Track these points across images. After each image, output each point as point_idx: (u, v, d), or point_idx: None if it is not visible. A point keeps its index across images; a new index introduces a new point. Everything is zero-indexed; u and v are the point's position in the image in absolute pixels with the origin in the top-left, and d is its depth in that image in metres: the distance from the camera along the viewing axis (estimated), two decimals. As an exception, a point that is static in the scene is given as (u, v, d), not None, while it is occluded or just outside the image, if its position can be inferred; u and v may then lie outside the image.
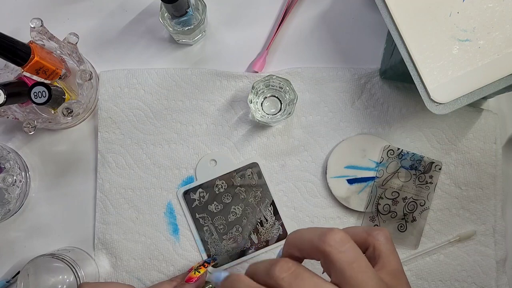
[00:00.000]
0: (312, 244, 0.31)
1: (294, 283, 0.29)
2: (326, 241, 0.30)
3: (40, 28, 0.43)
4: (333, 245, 0.30)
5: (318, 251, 0.30)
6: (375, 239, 0.33)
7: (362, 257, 0.30)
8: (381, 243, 0.33)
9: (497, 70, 0.38)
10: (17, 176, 0.46)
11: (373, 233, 0.33)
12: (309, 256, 0.32)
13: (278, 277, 0.30)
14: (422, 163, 0.48)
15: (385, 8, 0.40)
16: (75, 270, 0.43)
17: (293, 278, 0.30)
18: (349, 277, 0.29)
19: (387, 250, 0.33)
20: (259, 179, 0.49)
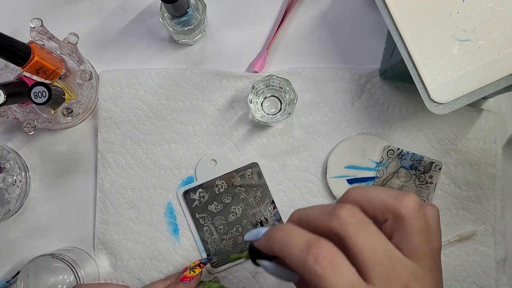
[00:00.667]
0: (385, 205, 0.30)
1: (361, 232, 0.28)
2: (403, 203, 0.29)
3: (40, 28, 0.43)
4: (411, 209, 0.29)
5: (392, 212, 0.30)
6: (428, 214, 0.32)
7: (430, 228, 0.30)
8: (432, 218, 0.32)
9: (497, 70, 0.38)
10: (17, 176, 0.46)
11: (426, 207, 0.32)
12: (374, 214, 0.31)
13: (345, 220, 0.29)
14: (422, 163, 0.48)
15: (385, 8, 0.40)
16: (75, 270, 0.43)
17: (361, 226, 0.29)
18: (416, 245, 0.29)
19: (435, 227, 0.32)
20: (259, 179, 0.49)
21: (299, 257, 0.28)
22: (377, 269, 0.28)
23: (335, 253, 0.28)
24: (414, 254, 0.29)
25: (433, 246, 0.30)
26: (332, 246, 0.28)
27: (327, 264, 0.27)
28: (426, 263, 0.29)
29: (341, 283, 0.27)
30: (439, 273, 0.30)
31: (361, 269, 0.28)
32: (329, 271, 0.27)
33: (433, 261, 0.29)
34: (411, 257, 0.29)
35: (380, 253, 0.28)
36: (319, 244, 0.28)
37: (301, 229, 0.30)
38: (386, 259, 0.28)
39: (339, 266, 0.27)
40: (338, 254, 0.28)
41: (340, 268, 0.27)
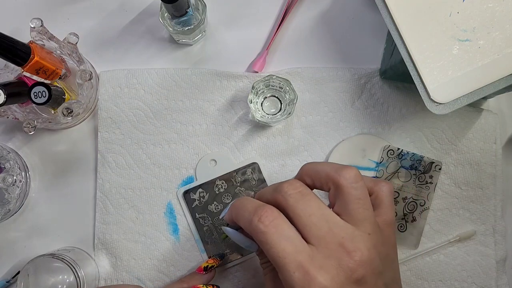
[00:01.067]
0: (327, 175, 0.34)
1: (300, 200, 0.33)
2: (342, 174, 0.33)
3: (40, 28, 0.43)
4: (348, 179, 0.33)
5: (332, 181, 0.34)
6: (380, 189, 0.37)
7: (367, 197, 0.34)
8: (384, 194, 0.36)
9: (497, 70, 0.38)
10: (17, 176, 0.46)
11: (380, 183, 0.37)
12: (320, 185, 0.35)
13: (286, 192, 0.33)
14: (422, 163, 0.48)
15: (385, 8, 0.40)
16: (75, 270, 0.43)
17: (300, 196, 0.33)
18: (351, 210, 0.33)
19: (387, 202, 0.36)
20: (259, 179, 0.49)
21: (247, 218, 0.33)
22: (313, 230, 0.32)
23: (277, 214, 0.32)
24: (351, 219, 0.33)
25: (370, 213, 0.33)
26: (275, 209, 0.33)
27: (269, 222, 0.32)
28: (363, 227, 0.32)
29: (281, 237, 0.31)
30: (378, 237, 0.33)
31: (301, 232, 0.32)
32: (271, 228, 0.31)
33: (371, 226, 0.33)
34: (349, 221, 0.33)
35: (316, 216, 0.32)
36: (263, 207, 0.33)
37: (253, 199, 0.35)
38: (323, 221, 0.32)
39: (280, 225, 0.32)
40: (280, 216, 0.32)
41: (280, 226, 0.32)
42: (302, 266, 0.30)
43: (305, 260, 0.30)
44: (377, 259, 0.32)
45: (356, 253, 0.31)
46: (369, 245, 0.32)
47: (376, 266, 0.32)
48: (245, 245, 0.37)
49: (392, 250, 0.35)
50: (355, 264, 0.31)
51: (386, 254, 0.34)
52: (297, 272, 0.30)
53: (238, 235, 0.37)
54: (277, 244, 0.31)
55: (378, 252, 0.32)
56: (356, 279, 0.31)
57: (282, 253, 0.31)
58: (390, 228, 0.36)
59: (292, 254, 0.31)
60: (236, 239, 0.38)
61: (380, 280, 0.32)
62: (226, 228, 0.38)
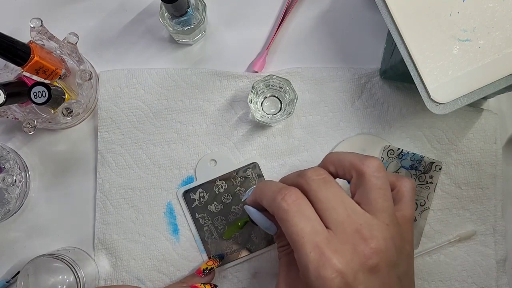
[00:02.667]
0: (351, 163, 0.35)
1: (322, 186, 0.34)
2: (365, 163, 0.34)
3: (40, 28, 0.43)
4: (371, 168, 0.34)
5: (355, 169, 0.34)
6: (402, 184, 0.37)
7: (389, 189, 0.34)
8: (406, 189, 0.37)
9: (497, 70, 0.38)
10: (17, 176, 0.46)
11: (403, 179, 0.37)
12: (343, 173, 0.36)
13: (310, 177, 0.34)
14: (422, 163, 0.48)
15: (385, 8, 0.40)
16: (75, 270, 0.43)
17: (323, 182, 0.34)
18: (372, 199, 0.33)
19: (409, 198, 0.37)
20: (259, 179, 0.49)
21: (271, 197, 0.34)
22: (332, 214, 0.32)
23: (300, 196, 0.33)
24: (371, 208, 0.33)
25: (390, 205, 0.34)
26: (298, 191, 0.34)
27: (292, 202, 0.33)
28: (382, 217, 0.33)
29: (301, 216, 0.32)
30: (396, 229, 0.33)
31: (320, 216, 0.33)
32: (293, 207, 0.32)
33: (390, 217, 0.33)
34: (368, 210, 0.33)
35: (336, 202, 0.33)
36: (288, 188, 0.34)
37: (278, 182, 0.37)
38: (342, 207, 0.33)
39: (302, 205, 0.33)
40: (302, 197, 0.33)
41: (302, 206, 0.33)
42: (318, 247, 0.31)
43: (322, 242, 0.31)
44: (393, 250, 0.32)
45: (372, 240, 0.31)
46: (386, 235, 0.32)
47: (391, 256, 0.32)
48: (264, 226, 0.39)
49: (408, 245, 0.35)
50: (370, 252, 0.31)
51: (402, 248, 0.34)
52: (313, 252, 0.31)
53: (259, 215, 0.39)
54: (297, 223, 0.32)
55: (394, 243, 0.33)
56: (370, 267, 0.31)
57: (301, 232, 0.31)
58: (408, 224, 0.36)
59: (310, 234, 0.31)
60: (257, 219, 0.39)
61: (393, 271, 0.32)
62: (248, 208, 0.40)
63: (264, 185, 0.37)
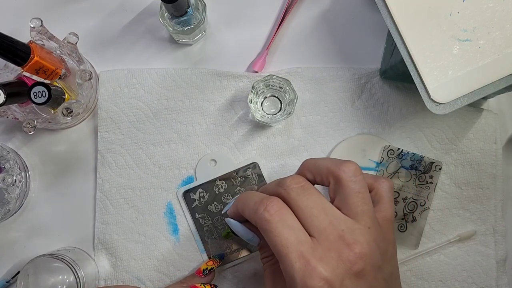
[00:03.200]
0: (328, 169, 0.35)
1: (302, 194, 0.33)
2: (341, 168, 0.34)
3: (40, 28, 0.43)
4: (347, 173, 0.34)
5: (332, 175, 0.34)
6: (380, 185, 0.37)
7: (367, 192, 0.34)
8: (384, 190, 0.37)
9: (497, 70, 0.38)
10: (17, 176, 0.46)
11: (380, 180, 0.37)
12: (320, 179, 0.36)
13: (289, 186, 0.34)
14: (422, 163, 0.48)
15: (385, 8, 0.40)
16: (75, 270, 0.43)
17: (302, 190, 0.34)
18: (351, 203, 0.33)
19: (387, 198, 0.37)
20: (259, 179, 0.49)
21: (252, 208, 0.34)
22: (314, 222, 0.32)
23: (282, 205, 0.33)
24: (351, 213, 0.33)
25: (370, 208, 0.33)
26: (280, 200, 0.33)
27: (274, 212, 0.32)
28: (363, 221, 0.33)
29: (284, 226, 0.32)
30: (378, 232, 0.33)
31: (303, 224, 0.32)
32: (275, 217, 0.32)
33: (371, 220, 0.33)
34: (349, 215, 0.33)
35: (317, 209, 0.33)
36: (269, 198, 0.33)
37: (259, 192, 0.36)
38: (323, 214, 0.32)
39: (284, 214, 0.32)
40: (284, 207, 0.33)
41: (284, 216, 0.32)
42: (303, 257, 0.31)
43: (306, 251, 0.31)
44: (377, 253, 0.32)
45: (356, 245, 0.31)
46: (369, 238, 0.32)
47: (376, 259, 0.32)
48: (247, 238, 0.38)
49: (391, 246, 0.35)
50: (355, 257, 0.31)
51: (385, 249, 0.34)
52: (299, 262, 0.31)
53: (241, 227, 0.38)
54: (281, 233, 0.32)
55: (378, 246, 0.33)
56: (356, 272, 0.31)
57: (285, 241, 0.31)
58: (389, 225, 0.36)
59: (294, 244, 0.31)
60: (239, 231, 0.38)
61: (379, 274, 0.32)
62: (229, 220, 0.39)
63: (245, 196, 0.36)
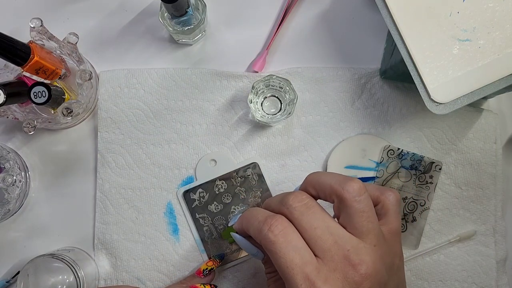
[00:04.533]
0: (331, 188, 0.34)
1: (305, 213, 0.33)
2: (345, 188, 0.33)
3: (40, 28, 0.43)
4: (351, 193, 0.33)
5: (336, 195, 0.34)
6: (386, 198, 0.36)
7: (372, 209, 0.34)
8: (391, 203, 0.36)
9: (497, 70, 0.38)
10: (17, 176, 0.46)
11: (386, 192, 0.37)
12: (324, 197, 0.35)
13: (291, 205, 0.33)
14: (422, 163, 0.48)
15: (385, 8, 0.40)
16: (75, 270, 0.43)
17: (305, 209, 0.33)
18: (356, 223, 0.32)
19: (393, 211, 0.36)
20: (259, 179, 0.49)
21: (257, 227, 0.33)
22: (319, 242, 0.32)
23: (286, 224, 0.32)
24: (356, 232, 0.32)
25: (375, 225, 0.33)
26: (284, 219, 0.33)
27: (278, 232, 0.32)
28: (368, 239, 0.32)
29: (289, 247, 0.31)
30: (384, 247, 0.33)
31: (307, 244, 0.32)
32: (279, 238, 0.32)
33: (376, 237, 0.33)
34: (354, 233, 0.32)
35: (321, 229, 0.32)
36: (274, 217, 0.33)
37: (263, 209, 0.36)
38: (327, 234, 0.32)
39: (289, 234, 0.32)
40: (289, 226, 0.32)
41: (289, 236, 0.32)
42: (308, 279, 0.30)
43: (311, 273, 0.30)
44: (383, 270, 0.32)
45: (361, 266, 0.31)
46: (374, 257, 0.32)
47: (381, 277, 0.32)
48: (252, 253, 0.38)
49: (397, 258, 0.35)
50: (360, 278, 0.31)
51: (391, 264, 0.34)
52: (304, 284, 0.30)
53: (246, 243, 0.38)
54: (286, 255, 0.31)
55: (384, 263, 0.32)
56: None
57: (290, 263, 0.31)
58: (395, 237, 0.35)
59: (299, 265, 0.31)
60: (244, 246, 0.38)
61: None
62: (235, 235, 0.39)
63: (250, 214, 0.35)
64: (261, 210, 0.35)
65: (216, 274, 0.48)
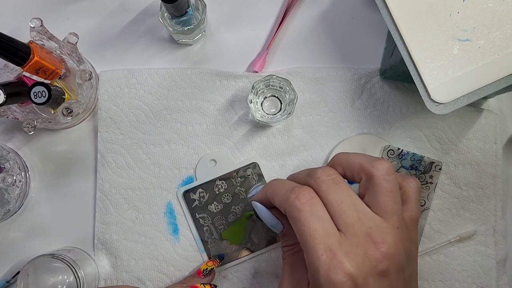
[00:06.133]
0: (360, 165, 0.34)
1: (333, 187, 0.33)
2: (375, 165, 0.34)
3: (40, 28, 0.43)
4: (380, 171, 0.33)
5: (365, 172, 0.34)
6: (408, 184, 0.37)
7: (398, 191, 0.34)
8: (412, 190, 0.37)
9: (497, 70, 0.38)
10: (17, 176, 0.46)
11: (408, 179, 0.37)
12: (351, 175, 0.36)
13: (319, 178, 0.34)
14: (422, 163, 0.48)
15: (385, 8, 0.40)
16: (75, 270, 0.43)
17: (333, 183, 0.33)
18: (382, 202, 0.33)
19: (414, 198, 0.37)
20: (259, 179, 0.49)
21: (283, 195, 0.34)
22: (343, 217, 0.32)
23: (314, 195, 0.33)
24: (381, 211, 0.33)
25: (400, 207, 0.33)
26: (312, 191, 0.33)
27: (305, 201, 0.32)
28: (392, 220, 0.32)
29: (314, 216, 0.32)
30: (405, 232, 0.33)
31: (331, 217, 0.32)
32: (306, 206, 0.32)
33: (399, 220, 0.33)
34: (378, 213, 0.33)
35: (347, 204, 0.32)
36: (301, 187, 0.33)
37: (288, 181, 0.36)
38: (352, 210, 0.32)
39: (315, 204, 0.32)
40: (316, 197, 0.33)
41: (315, 206, 0.32)
42: (330, 249, 0.31)
43: (333, 244, 0.31)
44: (402, 253, 0.32)
45: (383, 244, 0.31)
46: (396, 239, 0.32)
47: (400, 260, 0.32)
48: (271, 224, 0.38)
49: (414, 247, 0.35)
50: (380, 256, 0.31)
51: (409, 250, 0.34)
52: (325, 254, 0.30)
53: (267, 213, 0.38)
54: (310, 223, 0.31)
55: (404, 247, 0.33)
56: (380, 271, 0.31)
57: (314, 232, 0.31)
58: (415, 225, 0.36)
59: (322, 235, 0.31)
60: (264, 216, 0.39)
61: (401, 274, 0.32)
62: (256, 204, 0.39)
63: (276, 183, 0.36)
64: (288, 181, 0.36)
65: (216, 274, 0.48)
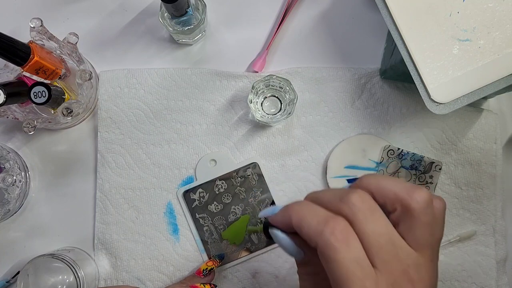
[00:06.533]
0: (396, 196, 0.31)
1: (370, 218, 0.30)
2: (413, 197, 0.30)
3: (40, 28, 0.43)
4: (421, 204, 0.30)
5: (401, 203, 0.31)
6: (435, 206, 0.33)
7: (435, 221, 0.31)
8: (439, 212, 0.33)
9: (497, 70, 0.38)
10: (17, 176, 0.46)
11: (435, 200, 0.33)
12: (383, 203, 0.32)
13: (355, 205, 0.30)
14: (422, 163, 0.48)
15: (385, 8, 0.40)
16: (75, 270, 0.43)
17: (369, 212, 0.30)
18: (418, 235, 0.30)
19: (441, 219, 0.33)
20: (259, 179, 0.49)
21: (316, 228, 0.30)
22: (380, 253, 0.29)
23: (350, 230, 0.29)
24: (417, 245, 0.30)
25: (436, 238, 0.31)
26: (347, 224, 0.30)
27: (342, 238, 0.29)
28: (427, 254, 0.30)
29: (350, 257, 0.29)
30: (437, 262, 0.31)
31: (366, 252, 0.29)
32: (342, 245, 0.29)
33: (434, 252, 0.31)
34: (413, 247, 0.30)
35: (385, 239, 0.30)
36: (336, 219, 0.30)
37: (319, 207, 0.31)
38: (390, 245, 0.30)
39: (352, 242, 0.29)
40: (352, 232, 0.29)
41: (352, 244, 0.29)
42: None
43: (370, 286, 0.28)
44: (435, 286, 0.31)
45: (420, 284, 0.30)
46: (431, 274, 0.31)
47: None
48: (291, 252, 0.34)
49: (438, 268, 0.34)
50: None
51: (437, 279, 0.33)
52: None
53: (289, 242, 0.34)
54: (348, 265, 0.29)
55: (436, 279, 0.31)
56: None
57: (352, 276, 0.28)
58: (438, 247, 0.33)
59: (360, 279, 0.28)
60: (284, 244, 0.34)
61: None
62: (276, 232, 0.34)
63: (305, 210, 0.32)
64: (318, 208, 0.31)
65: (216, 274, 0.48)
